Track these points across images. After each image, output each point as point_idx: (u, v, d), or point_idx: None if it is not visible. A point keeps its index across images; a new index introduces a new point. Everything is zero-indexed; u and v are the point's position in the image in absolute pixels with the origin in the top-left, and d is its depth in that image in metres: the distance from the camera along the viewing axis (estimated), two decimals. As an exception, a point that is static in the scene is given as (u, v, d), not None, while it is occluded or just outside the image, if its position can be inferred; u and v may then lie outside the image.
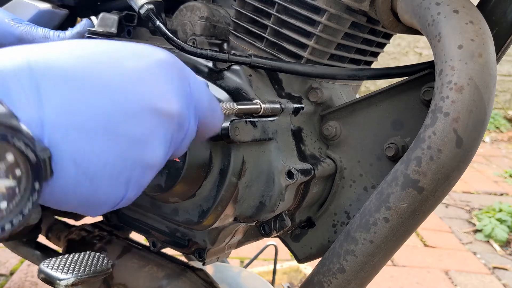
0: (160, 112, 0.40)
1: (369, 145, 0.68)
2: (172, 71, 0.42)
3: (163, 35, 0.65)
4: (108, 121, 0.36)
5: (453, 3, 0.54)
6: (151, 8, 0.67)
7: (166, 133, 0.41)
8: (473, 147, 0.53)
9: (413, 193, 0.55)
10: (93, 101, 0.36)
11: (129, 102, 0.38)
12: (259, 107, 0.61)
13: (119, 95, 0.38)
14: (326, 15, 0.64)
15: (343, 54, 0.70)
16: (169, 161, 0.60)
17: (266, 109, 0.62)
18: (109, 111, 0.37)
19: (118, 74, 0.38)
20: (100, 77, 0.37)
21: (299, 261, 0.77)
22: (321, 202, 0.73)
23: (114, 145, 0.37)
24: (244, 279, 1.10)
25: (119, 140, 0.37)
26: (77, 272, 0.66)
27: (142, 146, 0.39)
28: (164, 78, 0.41)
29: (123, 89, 0.38)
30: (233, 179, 0.60)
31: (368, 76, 0.65)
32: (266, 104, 0.62)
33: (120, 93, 0.38)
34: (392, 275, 1.93)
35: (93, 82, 0.36)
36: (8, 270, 1.75)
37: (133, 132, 0.38)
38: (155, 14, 0.67)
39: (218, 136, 0.59)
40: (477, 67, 0.52)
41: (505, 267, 2.11)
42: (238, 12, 0.70)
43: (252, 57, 0.64)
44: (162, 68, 0.42)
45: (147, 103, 0.39)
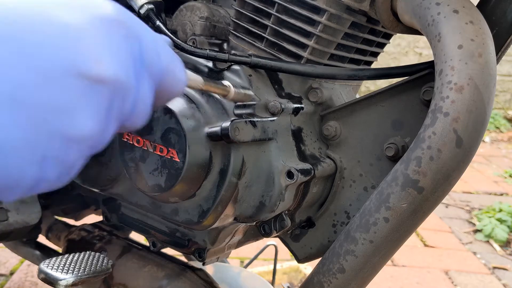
0: (89, 77, 0.34)
1: (369, 145, 0.68)
2: (115, 30, 0.37)
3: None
4: (15, 88, 0.31)
5: (453, 3, 0.54)
6: (151, 8, 0.67)
7: (101, 101, 0.35)
8: (473, 147, 0.53)
9: (413, 193, 0.55)
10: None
11: (48, 65, 0.33)
12: (228, 89, 0.59)
13: (36, 56, 0.32)
14: (326, 15, 0.64)
15: (343, 54, 0.70)
16: (169, 161, 0.60)
17: (238, 94, 0.60)
18: (18, 76, 0.31)
19: (39, 31, 0.33)
20: (14, 35, 0.32)
21: (299, 261, 0.77)
22: (321, 202, 0.73)
23: (23, 116, 0.32)
24: (244, 279, 1.10)
25: (31, 109, 0.32)
26: (77, 272, 0.66)
27: (63, 116, 0.34)
28: (102, 37, 0.36)
29: (42, 49, 0.33)
30: (233, 179, 0.60)
31: (368, 76, 0.65)
32: (237, 89, 0.60)
33: (37, 54, 0.32)
34: (392, 275, 1.93)
35: (3, 40, 0.31)
36: (8, 270, 1.75)
37: (52, 100, 0.33)
38: (155, 14, 0.67)
39: (218, 136, 0.58)
40: (477, 67, 0.52)
41: (505, 267, 2.11)
42: (238, 12, 0.70)
43: (252, 57, 0.64)
44: (102, 25, 0.36)
45: (72, 66, 0.33)
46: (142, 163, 0.62)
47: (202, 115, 0.61)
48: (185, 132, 0.58)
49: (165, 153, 0.60)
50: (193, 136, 0.59)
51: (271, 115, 0.65)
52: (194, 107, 0.61)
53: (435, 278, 1.95)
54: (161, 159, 0.60)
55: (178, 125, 0.59)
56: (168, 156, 0.60)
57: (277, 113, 0.65)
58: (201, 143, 0.60)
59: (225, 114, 0.62)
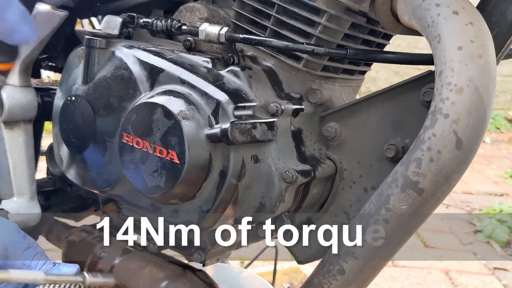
0: None
1: (369, 146, 0.68)
2: None
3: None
4: None
5: (453, 4, 0.54)
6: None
7: None
8: (473, 149, 0.53)
9: (413, 195, 0.54)
10: None
11: None
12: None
13: None
14: (325, 16, 0.64)
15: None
16: (169, 163, 0.60)
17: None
18: None
19: None
20: None
21: (299, 262, 0.76)
22: (321, 203, 0.73)
23: None
24: (244, 279, 1.10)
25: None
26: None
27: None
28: None
29: None
30: (233, 181, 0.60)
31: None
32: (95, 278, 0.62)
33: None
34: (393, 276, 1.93)
35: None
36: (8, 271, 1.74)
37: None
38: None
39: (217, 137, 0.59)
40: (477, 68, 0.52)
41: (506, 268, 2.11)
42: (237, 13, 0.70)
43: (349, 50, 0.64)
44: None
45: None
46: (142, 164, 0.62)
47: (202, 117, 0.61)
48: (185, 134, 0.58)
49: (165, 155, 0.60)
50: (192, 138, 0.59)
51: (271, 116, 0.65)
52: (193, 108, 0.61)
53: (435, 279, 1.95)
54: (160, 160, 0.60)
55: (178, 126, 0.59)
56: (167, 157, 0.60)
57: (277, 114, 0.65)
58: (201, 144, 0.60)
59: (224, 116, 0.62)
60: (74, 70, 0.75)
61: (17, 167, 0.86)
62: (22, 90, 0.86)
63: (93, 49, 0.71)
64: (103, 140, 0.70)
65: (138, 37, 0.76)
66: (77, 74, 0.74)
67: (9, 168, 0.86)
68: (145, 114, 0.62)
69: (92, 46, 0.71)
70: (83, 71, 0.72)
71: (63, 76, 0.77)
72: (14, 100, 0.84)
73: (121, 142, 0.64)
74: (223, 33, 0.64)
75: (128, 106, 0.66)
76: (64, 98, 0.75)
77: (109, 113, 0.69)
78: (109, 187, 0.72)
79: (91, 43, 0.71)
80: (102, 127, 0.70)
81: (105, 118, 0.70)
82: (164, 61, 0.66)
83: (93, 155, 0.72)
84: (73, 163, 0.76)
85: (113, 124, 0.68)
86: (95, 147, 0.71)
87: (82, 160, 0.74)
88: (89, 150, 0.72)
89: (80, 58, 0.74)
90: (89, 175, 0.74)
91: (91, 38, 0.71)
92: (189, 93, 0.63)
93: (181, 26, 0.68)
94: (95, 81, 0.71)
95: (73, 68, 0.75)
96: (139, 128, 0.62)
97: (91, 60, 0.71)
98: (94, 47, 0.71)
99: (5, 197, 0.86)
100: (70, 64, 0.76)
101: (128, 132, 0.63)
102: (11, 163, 0.86)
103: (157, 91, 0.64)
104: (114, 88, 0.69)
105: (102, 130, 0.70)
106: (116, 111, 0.68)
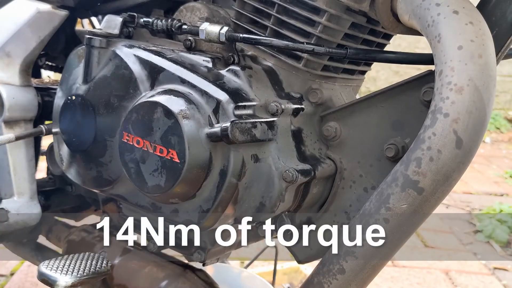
0: None
1: (369, 146, 0.68)
2: None
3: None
4: None
5: (453, 4, 0.54)
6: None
7: None
8: (473, 148, 0.53)
9: (413, 194, 0.54)
10: None
11: None
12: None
13: None
14: (326, 15, 0.64)
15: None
16: (169, 162, 0.60)
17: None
18: None
19: None
20: None
21: (299, 262, 0.76)
22: (321, 202, 0.73)
23: None
24: (244, 279, 1.10)
25: None
26: (76, 273, 0.66)
27: None
28: None
29: None
30: (233, 180, 0.60)
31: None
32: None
33: None
34: (393, 276, 1.93)
35: None
36: (8, 271, 1.75)
37: None
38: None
39: (218, 136, 0.59)
40: (477, 68, 0.52)
41: (506, 268, 2.11)
42: (238, 12, 0.70)
43: (349, 49, 0.64)
44: None
45: None
46: (142, 164, 0.62)
47: (202, 116, 0.61)
48: (185, 133, 0.58)
49: (165, 154, 0.60)
50: (193, 137, 0.59)
51: (271, 115, 0.65)
52: (194, 107, 0.61)
53: (435, 279, 1.95)
54: (161, 159, 0.60)
55: (178, 126, 0.59)
56: (168, 157, 0.60)
57: (277, 114, 0.65)
58: (201, 144, 0.60)
59: (225, 115, 0.62)
60: (75, 70, 0.75)
61: (17, 166, 0.86)
62: (23, 89, 0.86)
63: (93, 48, 0.71)
64: (103, 140, 0.70)
65: (138, 37, 0.76)
66: (78, 74, 0.74)
67: (9, 167, 0.86)
68: (146, 113, 0.62)
69: (92, 45, 0.71)
70: (83, 70, 0.72)
71: (64, 75, 0.77)
72: (15, 100, 0.84)
73: (122, 141, 0.64)
74: (224, 33, 0.64)
75: (128, 105, 0.67)
76: (64, 97, 0.75)
77: (109, 112, 0.69)
78: (109, 186, 0.72)
79: (91, 43, 0.71)
80: (102, 126, 0.70)
81: (106, 117, 0.70)
82: (165, 60, 0.67)
83: (94, 155, 0.72)
84: (74, 162, 0.76)
85: (113, 123, 0.68)
86: (96, 146, 0.71)
87: (83, 159, 0.74)
88: (90, 149, 0.72)
89: (80, 57, 0.74)
90: (89, 174, 0.74)
91: (91, 37, 0.71)
92: (189, 93, 0.63)
93: (182, 25, 0.68)
94: (95, 81, 0.71)
95: (73, 68, 0.75)
96: (139, 127, 0.63)
97: (92, 60, 0.71)
98: (95, 47, 0.71)
99: (5, 196, 0.87)
100: (70, 63, 0.76)
101: (128, 131, 0.63)
102: (11, 162, 0.86)
103: (158, 91, 0.65)
104: (115, 88, 0.69)
105: (103, 129, 0.70)
106: (117, 111, 0.68)
